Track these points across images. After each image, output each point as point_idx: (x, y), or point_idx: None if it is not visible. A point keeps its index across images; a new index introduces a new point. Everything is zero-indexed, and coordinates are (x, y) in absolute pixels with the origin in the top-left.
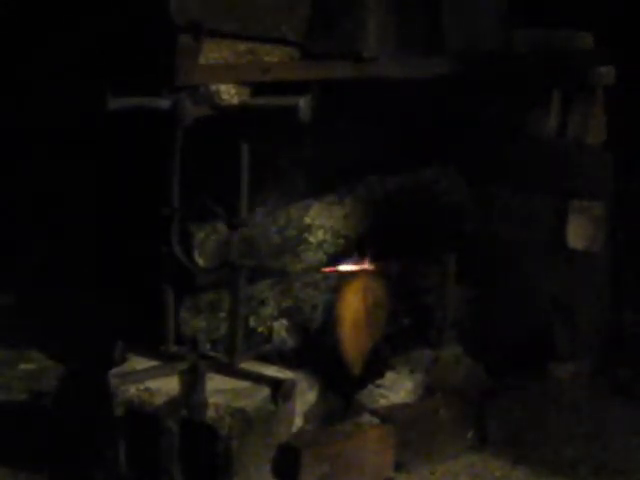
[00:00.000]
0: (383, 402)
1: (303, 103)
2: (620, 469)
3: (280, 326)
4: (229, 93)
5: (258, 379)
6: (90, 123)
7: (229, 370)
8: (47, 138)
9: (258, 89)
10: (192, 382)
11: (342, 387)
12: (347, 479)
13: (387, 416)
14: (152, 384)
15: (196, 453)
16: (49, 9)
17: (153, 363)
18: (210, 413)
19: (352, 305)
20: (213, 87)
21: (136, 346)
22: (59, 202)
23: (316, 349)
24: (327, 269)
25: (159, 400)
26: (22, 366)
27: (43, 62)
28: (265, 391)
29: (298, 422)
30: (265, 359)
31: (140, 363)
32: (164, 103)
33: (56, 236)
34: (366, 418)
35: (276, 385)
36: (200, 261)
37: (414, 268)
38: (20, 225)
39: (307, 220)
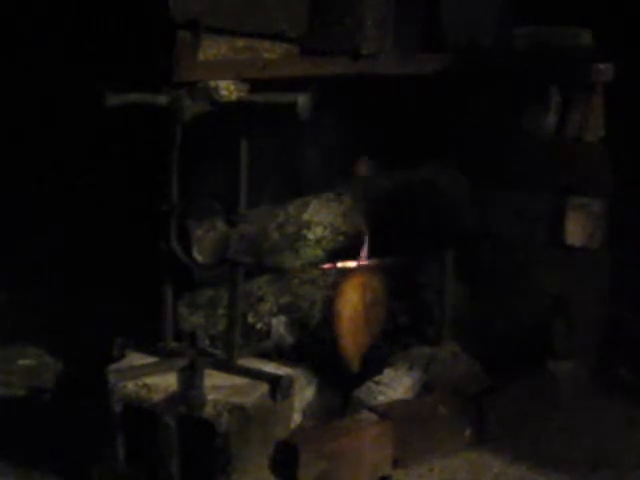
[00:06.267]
0: (381, 399)
1: (302, 100)
2: (618, 466)
3: (279, 322)
4: (228, 89)
5: (256, 375)
6: (89, 119)
7: (227, 366)
8: (45, 136)
9: (257, 85)
10: (190, 378)
11: (340, 384)
12: (345, 475)
13: (385, 413)
14: (150, 380)
15: (194, 449)
16: (49, 6)
17: (151, 359)
18: (208, 409)
19: (351, 302)
20: (212, 83)
21: (134, 342)
22: (57, 199)
23: (315, 346)
24: (326, 266)
25: (157, 396)
26: (21, 362)
27: (42, 58)
28: (263, 387)
29: (296, 418)
30: (264, 355)
31: (138, 359)
32: (163, 99)
33: (55, 232)
34: (364, 415)
35: (274, 381)
36: (199, 257)
37: (413, 265)
38: (19, 222)
39: (306, 217)
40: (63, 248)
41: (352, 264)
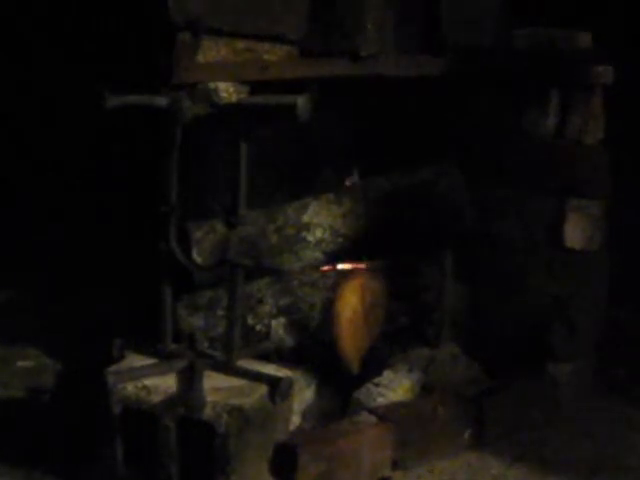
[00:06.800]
0: (381, 400)
1: (301, 101)
2: (618, 468)
3: (278, 324)
4: (227, 91)
5: (256, 377)
6: (89, 119)
7: (227, 368)
8: (46, 136)
9: (257, 87)
10: (190, 380)
11: (340, 385)
12: (344, 477)
13: (385, 414)
14: (150, 382)
15: (193, 451)
16: (49, 6)
17: (151, 361)
18: (207, 411)
19: (350, 303)
20: (212, 85)
21: (134, 344)
22: (57, 199)
23: (314, 347)
24: (325, 267)
25: (156, 398)
26: (20, 363)
27: (42, 58)
28: (263, 389)
29: (296, 420)
30: (263, 357)
31: (138, 361)
32: (162, 101)
33: (55, 233)
34: (364, 416)
35: (274, 383)
36: (198, 259)
37: (412, 267)
38: (19, 223)
39: (305, 219)
40: (63, 248)
41: (351, 266)
